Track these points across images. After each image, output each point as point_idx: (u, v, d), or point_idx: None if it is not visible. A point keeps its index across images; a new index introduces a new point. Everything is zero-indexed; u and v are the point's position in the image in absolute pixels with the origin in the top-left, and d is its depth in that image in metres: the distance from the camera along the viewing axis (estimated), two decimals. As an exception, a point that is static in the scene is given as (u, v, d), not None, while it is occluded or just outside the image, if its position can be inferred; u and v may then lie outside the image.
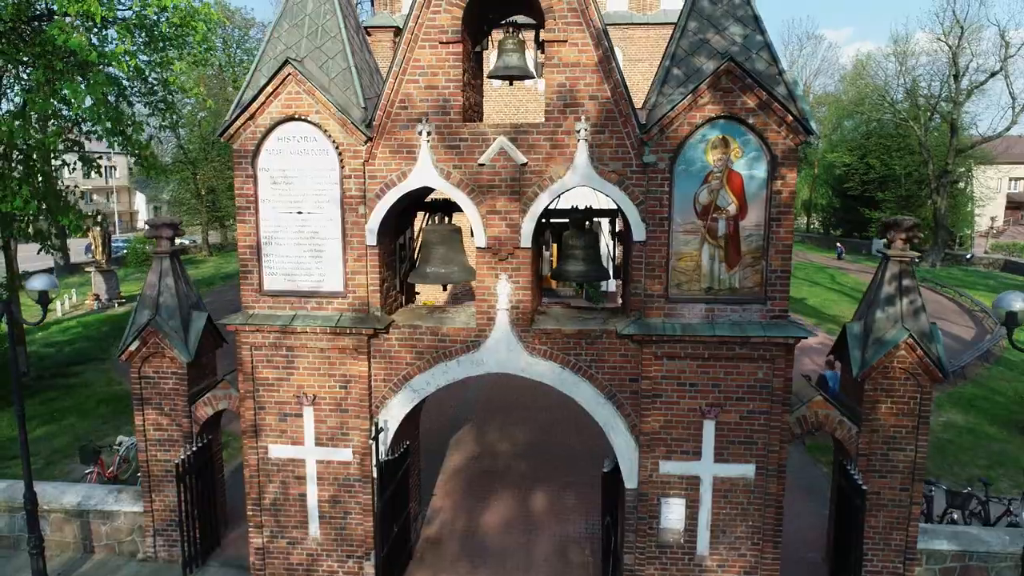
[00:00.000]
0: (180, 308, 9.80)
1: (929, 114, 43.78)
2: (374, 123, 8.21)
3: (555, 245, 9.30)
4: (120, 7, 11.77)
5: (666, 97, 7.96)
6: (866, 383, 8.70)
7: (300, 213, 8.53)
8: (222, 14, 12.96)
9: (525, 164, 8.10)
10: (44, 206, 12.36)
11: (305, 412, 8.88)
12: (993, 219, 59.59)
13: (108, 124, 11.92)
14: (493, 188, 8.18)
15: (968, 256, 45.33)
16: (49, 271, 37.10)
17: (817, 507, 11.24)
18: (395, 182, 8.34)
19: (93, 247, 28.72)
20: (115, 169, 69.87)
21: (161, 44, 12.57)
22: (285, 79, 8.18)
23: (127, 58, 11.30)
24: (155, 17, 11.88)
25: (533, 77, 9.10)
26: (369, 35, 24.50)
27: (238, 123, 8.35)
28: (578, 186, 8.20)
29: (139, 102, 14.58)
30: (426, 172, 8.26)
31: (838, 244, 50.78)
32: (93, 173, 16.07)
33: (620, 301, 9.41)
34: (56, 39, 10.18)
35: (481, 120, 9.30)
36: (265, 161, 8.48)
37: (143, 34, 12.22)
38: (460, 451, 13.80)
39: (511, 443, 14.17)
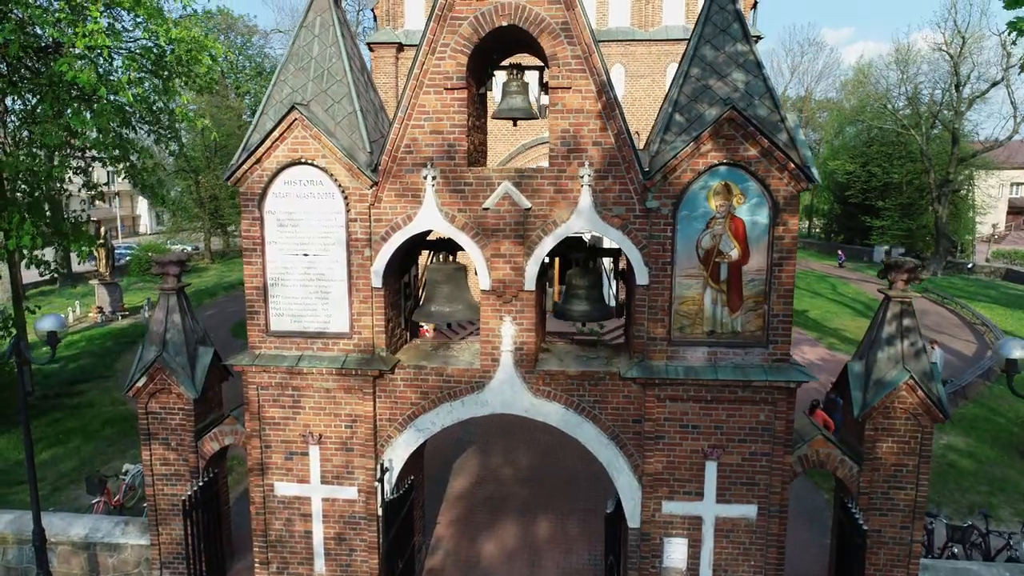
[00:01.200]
0: (187, 344, 9.87)
1: (931, 122, 43.83)
2: (380, 167, 8.30)
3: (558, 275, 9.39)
4: (127, 38, 11.87)
5: (668, 144, 8.04)
6: (867, 423, 8.77)
7: (306, 255, 8.62)
8: (229, 49, 13.01)
9: (529, 209, 8.18)
10: (53, 237, 12.46)
11: (311, 451, 8.97)
12: (995, 226, 59.58)
13: (115, 152, 12.00)
14: (498, 232, 8.27)
15: (970, 265, 45.34)
16: (52, 281, 37.30)
17: (818, 536, 11.31)
18: (400, 225, 8.42)
19: (96, 260, 28.81)
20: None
21: (166, 73, 12.66)
22: (292, 124, 8.28)
23: (132, 87, 11.39)
24: (163, 48, 11.96)
25: (537, 118, 9.19)
26: (372, 51, 24.65)
27: (245, 167, 8.44)
28: (582, 231, 8.29)
29: (144, 131, 14.69)
30: (431, 216, 8.35)
31: (840, 252, 50.80)
32: (95, 176, 16.07)
33: (623, 334, 9.49)
34: (65, 75, 10.29)
35: (485, 159, 9.39)
36: (272, 204, 8.57)
37: (149, 63, 12.31)
38: (463, 476, 13.87)
39: (514, 467, 14.24)
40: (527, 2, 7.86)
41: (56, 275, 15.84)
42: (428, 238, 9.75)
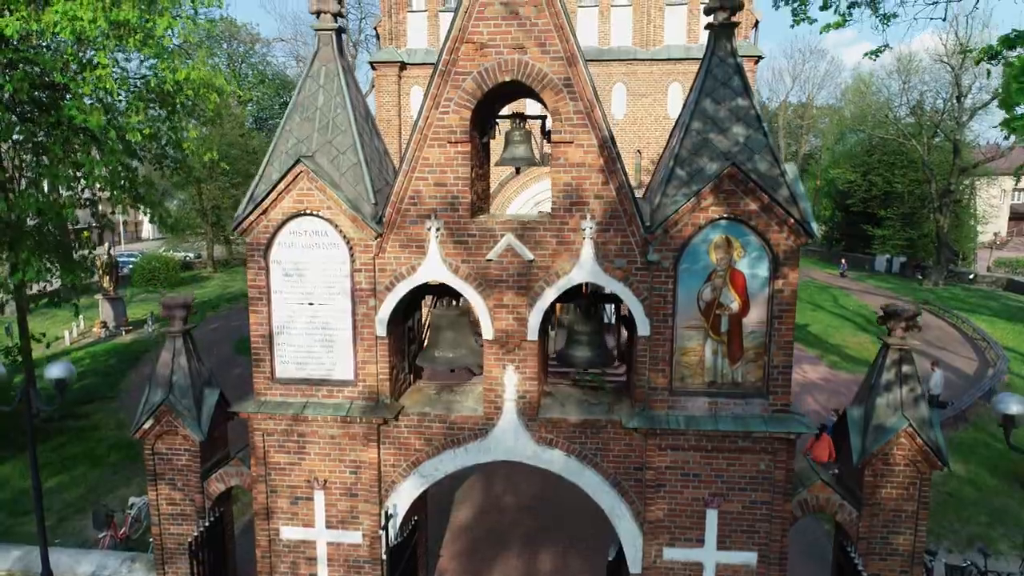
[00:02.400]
0: (193, 387, 9.97)
1: (932, 132, 43.90)
2: (384, 219, 8.40)
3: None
4: (133, 74, 12.00)
5: (670, 197, 8.13)
6: (866, 469, 8.85)
7: (311, 304, 8.72)
8: (236, 86, 13.15)
9: (532, 260, 8.28)
10: (61, 273, 12.59)
11: (316, 496, 9.07)
12: (996, 234, 59.62)
13: (123, 184, 12.12)
14: (501, 283, 8.37)
15: (971, 276, 45.41)
16: (55, 292, 37.51)
17: (818, 572, 11.39)
18: (405, 275, 8.52)
19: (99, 274, 28.94)
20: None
21: (172, 106, 12.77)
22: (297, 176, 8.38)
23: (141, 126, 11.51)
24: (171, 90, 12.10)
25: (539, 165, 9.29)
26: (374, 69, 24.78)
27: (251, 218, 8.55)
28: (584, 281, 8.39)
29: (151, 164, 14.82)
30: (435, 266, 8.45)
31: (842, 261, 50.87)
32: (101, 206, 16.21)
33: (625, 378, 9.59)
34: (75, 119, 10.42)
35: (488, 206, 9.50)
36: (277, 254, 8.67)
37: (158, 103, 12.44)
38: (466, 505, 13.98)
39: (516, 496, 14.34)
40: (530, 58, 7.96)
41: (59, 303, 15.99)
42: (432, 283, 9.86)
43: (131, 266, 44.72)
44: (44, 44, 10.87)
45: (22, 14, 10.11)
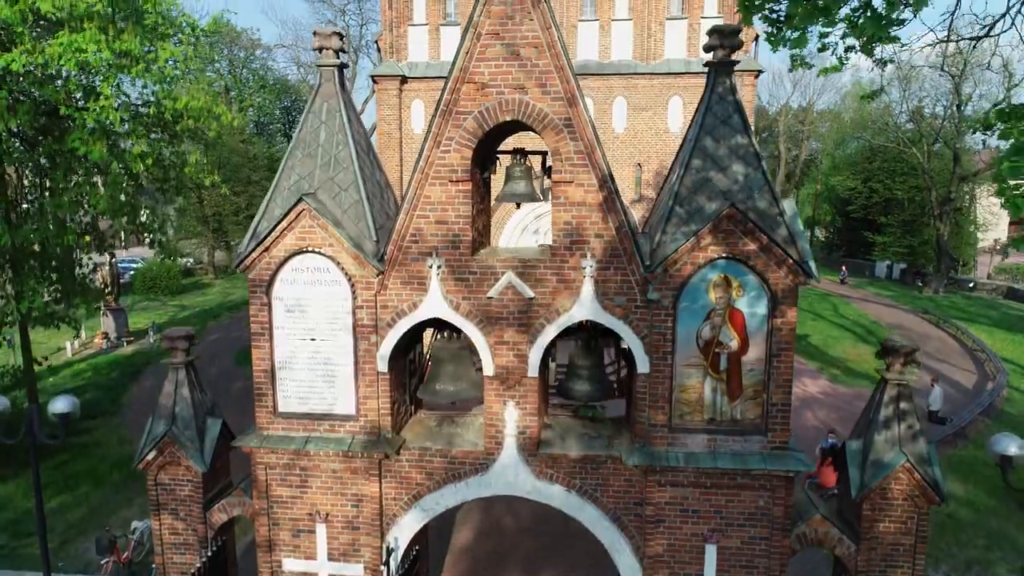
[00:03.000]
0: (195, 418, 10.03)
1: (932, 139, 43.94)
2: (386, 256, 8.47)
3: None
4: (135, 104, 12.06)
5: (669, 236, 8.19)
6: (864, 503, 8.90)
7: (313, 340, 8.79)
8: (237, 117, 13.22)
9: (533, 298, 8.34)
10: (63, 297, 12.69)
11: (318, 529, 9.13)
12: (996, 241, 59.59)
13: (126, 212, 12.22)
14: (501, 320, 8.43)
15: (971, 284, 45.45)
16: (56, 302, 37.57)
17: (818, 599, 11.45)
18: (406, 312, 8.59)
19: (101, 282, 28.99)
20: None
21: (175, 133, 12.87)
22: (299, 214, 8.45)
23: (144, 155, 11.61)
24: (172, 117, 12.18)
25: (540, 200, 9.35)
26: (376, 83, 24.83)
27: (254, 255, 8.61)
28: (584, 319, 8.44)
29: (153, 189, 14.92)
30: (436, 303, 8.51)
31: (843, 268, 50.92)
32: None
33: (625, 411, 9.65)
34: (78, 150, 10.50)
35: (488, 241, 9.56)
36: (279, 290, 8.74)
37: (159, 131, 12.54)
38: (467, 527, 14.03)
39: (516, 517, 14.39)
40: (531, 99, 8.03)
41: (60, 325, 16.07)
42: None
43: (132, 272, 44.80)
44: (48, 75, 10.95)
45: (26, 47, 10.20)
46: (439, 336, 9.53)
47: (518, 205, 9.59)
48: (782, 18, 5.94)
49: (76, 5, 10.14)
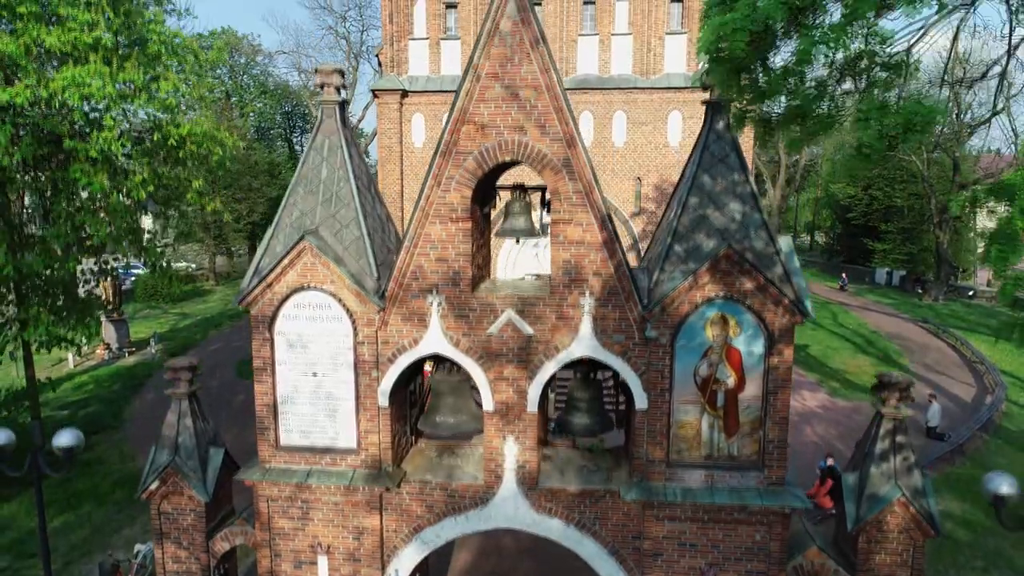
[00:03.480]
0: (198, 448, 10.12)
1: (931, 147, 44.00)
2: (387, 293, 8.56)
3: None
4: (138, 131, 12.17)
5: (667, 274, 8.28)
6: (860, 536, 8.99)
7: (315, 375, 8.88)
8: (238, 138, 13.31)
9: (532, 335, 8.43)
10: (65, 320, 12.81)
11: (320, 560, 9.22)
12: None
13: (129, 239, 12.33)
14: (501, 356, 8.52)
15: (971, 293, 45.51)
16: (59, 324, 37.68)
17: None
18: (407, 348, 8.68)
19: (103, 296, 29.11)
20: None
21: (177, 159, 12.98)
22: (301, 251, 8.54)
23: (146, 184, 11.72)
24: (174, 144, 12.29)
25: (539, 236, 9.45)
26: (376, 97, 24.93)
27: (256, 291, 8.71)
28: (583, 355, 8.53)
29: (155, 213, 15.05)
30: (436, 340, 8.61)
31: (843, 275, 50.96)
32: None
33: (624, 443, 9.74)
34: (80, 181, 10.61)
35: (488, 274, 9.66)
36: (282, 326, 8.83)
37: (162, 156, 12.66)
38: (467, 548, 14.12)
39: (517, 538, 14.43)
40: (530, 139, 8.12)
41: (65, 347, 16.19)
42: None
43: (133, 278, 44.85)
44: (52, 109, 11.07)
45: (31, 81, 10.31)
46: (439, 368, 9.62)
47: (518, 240, 9.66)
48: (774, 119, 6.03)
49: (80, 38, 10.24)
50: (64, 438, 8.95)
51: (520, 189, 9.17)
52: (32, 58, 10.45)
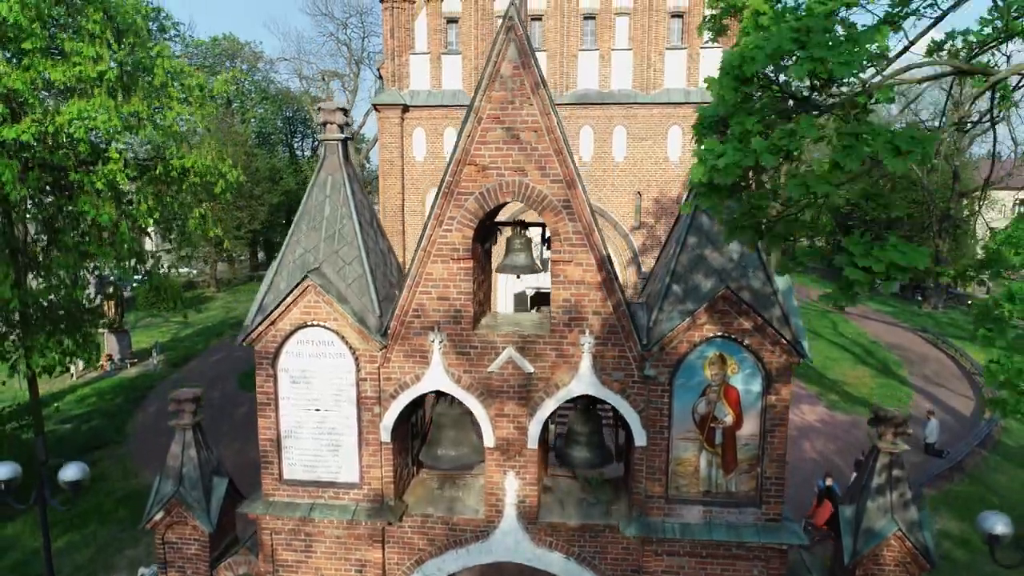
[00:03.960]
0: (202, 477, 10.22)
1: (929, 160, 44.05)
2: (389, 331, 8.67)
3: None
4: (142, 160, 12.29)
5: (666, 314, 8.39)
6: (857, 569, 9.09)
7: (318, 410, 8.99)
8: (241, 174, 13.43)
9: (532, 372, 8.54)
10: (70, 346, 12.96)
11: (322, 592, 9.32)
12: (996, 253, 59.66)
13: (134, 267, 12.46)
14: (502, 393, 8.63)
15: (970, 302, 45.54)
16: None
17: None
18: (409, 384, 8.79)
19: (105, 308, 29.22)
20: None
21: (181, 186, 13.13)
22: (305, 290, 8.65)
23: (151, 212, 11.86)
24: (178, 175, 12.41)
25: (540, 272, 9.56)
26: (378, 111, 25.04)
27: (260, 328, 8.82)
28: (583, 393, 8.64)
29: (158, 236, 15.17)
30: (438, 376, 8.72)
31: (841, 281, 51.01)
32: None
33: (623, 474, 9.85)
34: (88, 213, 10.73)
35: (489, 309, 9.77)
36: (285, 362, 8.94)
37: (165, 185, 12.80)
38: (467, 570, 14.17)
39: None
40: (531, 181, 8.23)
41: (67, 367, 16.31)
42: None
43: (134, 285, 45.00)
44: (58, 143, 11.18)
45: (37, 116, 10.42)
46: (441, 401, 9.73)
47: (519, 276, 9.76)
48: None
49: (85, 71, 10.36)
50: (70, 472, 9.06)
51: (521, 225, 9.28)
52: (38, 92, 10.57)
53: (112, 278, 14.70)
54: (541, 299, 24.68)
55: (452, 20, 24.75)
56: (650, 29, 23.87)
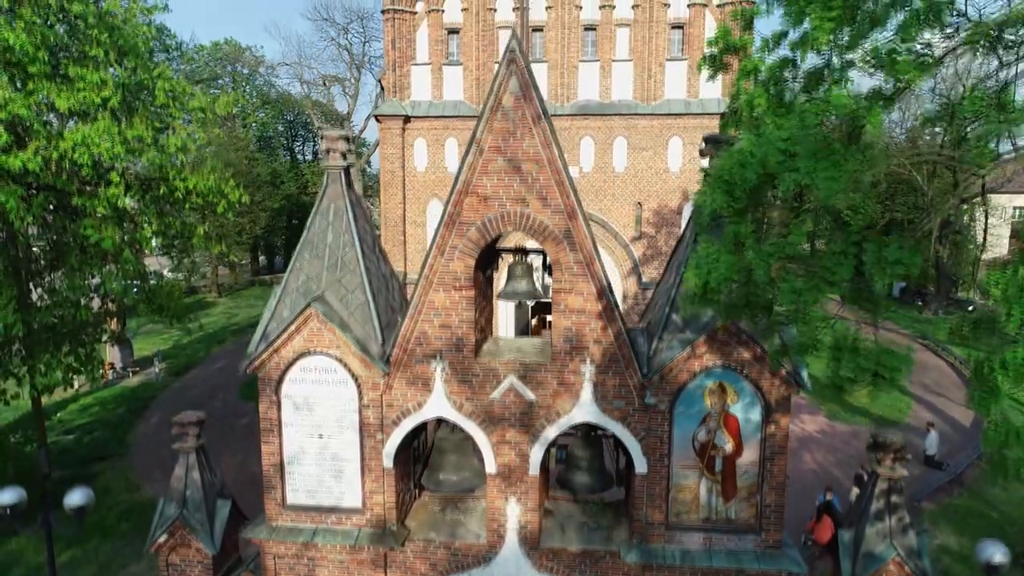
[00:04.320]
0: (205, 500, 10.29)
1: (931, 164, 44.14)
2: (392, 358, 8.74)
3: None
4: (143, 181, 12.39)
5: (666, 343, 8.46)
6: (857, 594, 9.16)
7: (321, 437, 9.06)
8: (245, 194, 13.53)
9: (534, 400, 8.61)
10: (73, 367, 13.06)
11: (325, 616, 9.39)
12: (996, 260, 59.69)
13: (136, 291, 12.56)
14: (503, 420, 8.70)
15: (971, 308, 45.57)
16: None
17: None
18: (411, 411, 8.86)
19: (108, 323, 29.26)
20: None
21: (184, 207, 13.22)
22: (308, 318, 8.72)
23: (156, 235, 11.96)
24: (181, 196, 12.51)
25: (541, 298, 9.63)
26: (379, 122, 25.14)
27: (264, 356, 8.89)
28: (584, 420, 8.71)
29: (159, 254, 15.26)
30: (440, 404, 8.78)
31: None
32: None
33: (624, 498, 9.91)
34: (91, 237, 10.81)
35: (492, 332, 9.83)
36: (288, 389, 9.01)
37: (169, 206, 12.89)
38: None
39: None
40: (532, 211, 8.30)
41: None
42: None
43: (136, 290, 45.09)
44: (61, 168, 11.27)
45: (41, 143, 10.50)
46: (442, 425, 9.80)
47: (520, 304, 9.82)
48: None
49: (89, 97, 10.43)
50: (75, 498, 9.13)
51: (522, 252, 9.35)
52: (42, 116, 10.64)
53: (114, 297, 14.78)
54: (542, 308, 24.76)
55: (453, 31, 24.86)
56: (650, 40, 23.96)
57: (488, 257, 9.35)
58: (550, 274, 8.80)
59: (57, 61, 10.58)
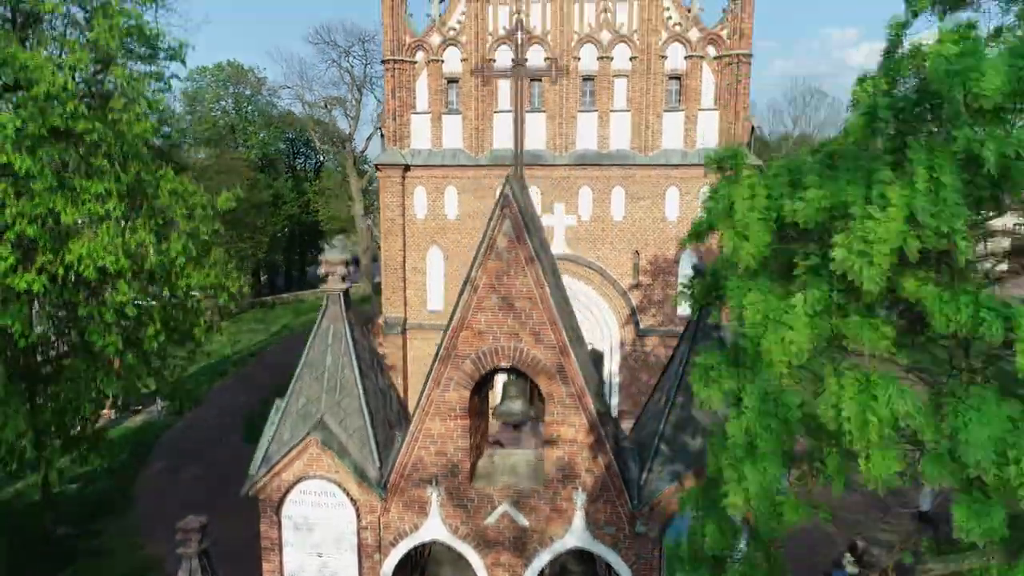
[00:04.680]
0: (208, 605, 10.53)
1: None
2: (389, 483, 8.98)
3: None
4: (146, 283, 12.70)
5: (655, 474, 8.69)
6: None
7: (320, 555, 9.30)
8: (244, 281, 13.71)
9: (527, 526, 8.85)
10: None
11: None
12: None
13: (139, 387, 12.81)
14: (497, 544, 8.94)
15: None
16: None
17: None
18: (408, 533, 9.10)
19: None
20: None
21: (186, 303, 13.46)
22: (307, 445, 8.97)
23: (158, 335, 12.22)
24: (183, 294, 12.77)
25: (535, 420, 9.87)
26: (379, 171, 25.37)
27: (265, 479, 9.13)
28: (576, 546, 8.94)
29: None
30: (436, 527, 9.03)
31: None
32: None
33: None
34: (97, 342, 11.06)
35: (486, 439, 10.08)
36: (288, 510, 9.25)
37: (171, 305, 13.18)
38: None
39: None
40: (525, 346, 8.54)
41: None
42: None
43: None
44: (66, 279, 11.54)
45: (47, 258, 10.75)
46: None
47: (515, 427, 10.09)
48: None
49: (94, 209, 10.69)
50: None
51: (517, 373, 9.57)
52: (48, 230, 10.90)
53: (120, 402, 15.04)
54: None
55: (452, 80, 25.07)
56: (648, 91, 24.13)
57: (484, 378, 9.59)
58: (543, 401, 9.04)
59: (61, 179, 10.82)
